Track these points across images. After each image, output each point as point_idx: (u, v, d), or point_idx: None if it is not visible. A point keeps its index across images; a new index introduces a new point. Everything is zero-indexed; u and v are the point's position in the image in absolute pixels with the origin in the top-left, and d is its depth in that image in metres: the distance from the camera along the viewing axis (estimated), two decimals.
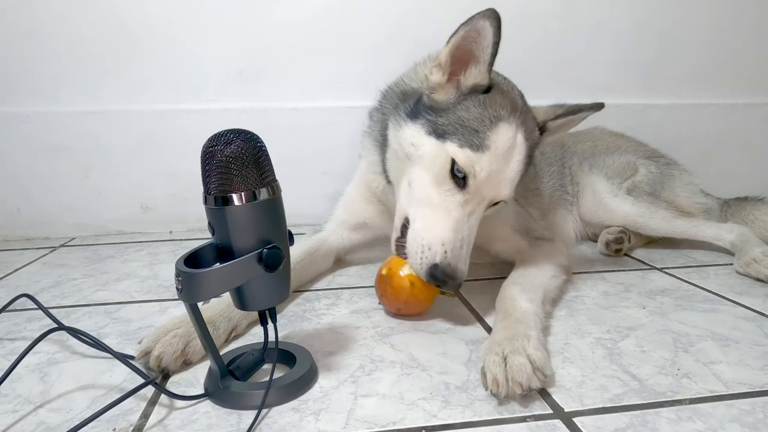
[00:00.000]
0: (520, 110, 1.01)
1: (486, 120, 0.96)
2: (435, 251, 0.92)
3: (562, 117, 1.10)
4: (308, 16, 1.71)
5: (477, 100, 0.99)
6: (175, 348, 0.82)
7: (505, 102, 0.99)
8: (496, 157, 0.95)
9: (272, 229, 0.72)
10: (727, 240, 1.38)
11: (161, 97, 1.69)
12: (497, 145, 0.95)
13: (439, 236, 0.93)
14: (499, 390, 0.72)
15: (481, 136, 0.95)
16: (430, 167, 0.98)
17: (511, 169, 0.98)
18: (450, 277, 0.91)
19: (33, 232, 1.72)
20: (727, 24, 1.93)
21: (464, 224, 0.95)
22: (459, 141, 0.95)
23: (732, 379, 0.79)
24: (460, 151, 0.95)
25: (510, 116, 0.98)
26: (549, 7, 1.81)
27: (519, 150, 0.98)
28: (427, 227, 0.95)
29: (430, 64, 1.03)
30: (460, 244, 0.93)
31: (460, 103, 0.99)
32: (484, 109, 0.97)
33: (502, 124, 0.96)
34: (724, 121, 2.00)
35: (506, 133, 0.96)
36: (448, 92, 1.01)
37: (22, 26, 1.58)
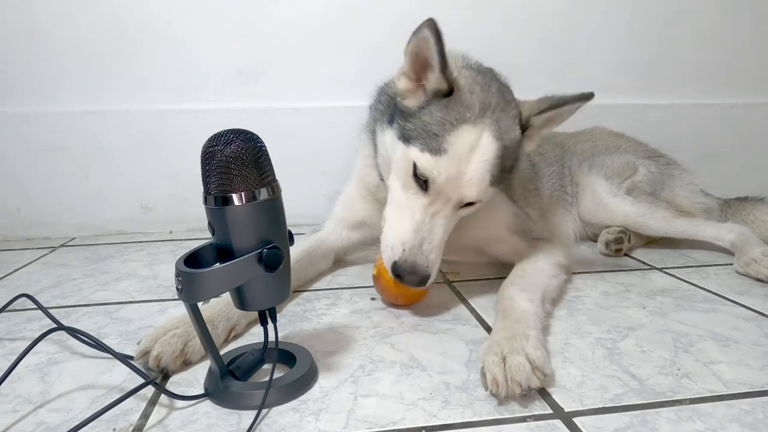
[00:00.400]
0: (493, 108, 1.00)
1: (447, 124, 0.97)
2: (396, 252, 0.97)
3: (546, 111, 1.07)
4: (308, 16, 1.71)
5: (440, 104, 1.00)
6: (174, 348, 0.82)
7: (471, 103, 0.99)
8: (454, 160, 0.95)
9: (272, 229, 0.72)
10: (727, 240, 1.38)
11: (161, 97, 1.69)
12: (455, 148, 0.95)
13: (400, 237, 0.97)
14: (498, 390, 0.72)
15: (439, 140, 0.96)
16: (398, 171, 1.02)
17: (473, 171, 0.96)
18: (408, 273, 0.95)
19: (33, 232, 1.72)
20: (727, 24, 1.93)
21: (425, 225, 0.97)
22: (420, 145, 0.98)
23: (732, 379, 0.79)
24: (420, 156, 0.97)
25: (476, 117, 0.97)
26: (549, 8, 1.81)
27: (483, 151, 0.97)
28: (392, 228, 1.00)
29: (397, 72, 1.07)
30: (419, 243, 0.96)
31: (425, 108, 1.01)
32: (446, 113, 0.98)
33: (464, 126, 0.96)
34: (724, 121, 2.00)
35: (466, 136, 0.96)
36: (417, 97, 1.03)
37: (22, 26, 1.58)
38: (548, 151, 1.59)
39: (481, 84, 1.04)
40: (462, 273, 1.29)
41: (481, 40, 1.77)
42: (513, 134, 1.03)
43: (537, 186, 1.48)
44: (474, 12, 1.77)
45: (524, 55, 1.82)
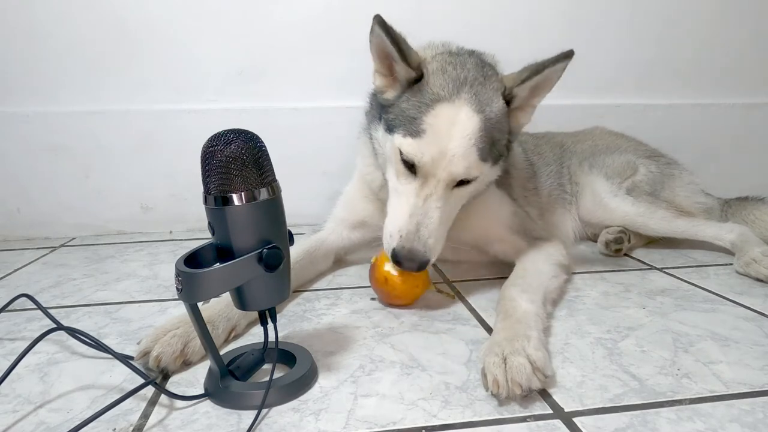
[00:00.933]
0: (470, 83, 1.02)
1: (423, 105, 1.00)
2: (394, 239, 0.99)
3: (528, 80, 1.06)
4: (308, 16, 1.71)
5: (414, 89, 1.04)
6: (174, 348, 0.82)
7: (444, 82, 1.02)
8: (434, 138, 0.98)
9: (272, 229, 0.72)
10: (727, 240, 1.38)
11: (161, 97, 1.69)
12: (433, 127, 0.98)
13: (396, 224, 1.00)
14: (499, 391, 0.72)
15: (417, 122, 0.99)
16: (391, 161, 1.06)
17: (455, 146, 0.97)
18: (406, 259, 0.97)
19: (33, 232, 1.72)
20: (727, 24, 1.93)
21: (419, 209, 0.99)
22: (402, 131, 1.01)
23: (732, 379, 0.79)
24: (403, 141, 1.00)
25: (451, 94, 1.00)
26: (549, 8, 1.81)
27: (463, 126, 0.98)
28: (391, 218, 1.03)
29: (373, 73, 1.12)
30: (416, 228, 0.98)
31: (401, 97, 1.06)
32: (421, 96, 1.02)
33: (440, 104, 0.99)
34: (724, 121, 2.00)
35: (444, 114, 0.99)
36: (396, 89, 1.08)
37: (22, 26, 1.58)
38: (547, 151, 1.60)
39: (454, 63, 1.06)
40: (462, 273, 1.29)
41: (481, 40, 1.78)
42: (495, 106, 1.03)
43: (536, 185, 1.48)
44: (473, 13, 1.77)
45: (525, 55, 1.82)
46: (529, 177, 1.46)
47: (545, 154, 1.58)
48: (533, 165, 1.51)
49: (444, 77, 1.03)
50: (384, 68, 1.09)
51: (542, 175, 1.53)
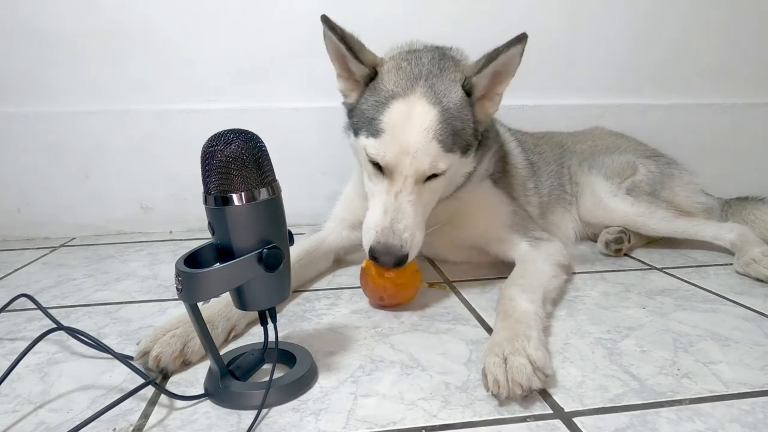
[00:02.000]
0: (425, 76, 1.04)
1: (379, 105, 1.02)
2: (370, 236, 1.00)
3: (484, 67, 1.04)
4: (308, 16, 1.70)
5: (371, 89, 1.06)
6: (173, 348, 0.82)
7: (398, 78, 1.04)
8: (393, 136, 0.99)
9: (272, 229, 0.72)
10: (727, 239, 1.38)
11: (161, 97, 1.69)
12: (390, 125, 1.00)
13: (372, 222, 1.01)
14: (499, 391, 0.72)
15: (376, 122, 1.01)
16: (362, 164, 1.08)
17: (416, 141, 0.98)
18: (382, 254, 0.98)
19: (33, 232, 1.72)
20: (728, 25, 1.93)
21: (392, 205, 1.00)
22: (365, 132, 1.04)
23: (732, 379, 0.79)
24: (367, 142, 1.02)
25: (405, 90, 1.02)
26: (550, 8, 1.81)
27: (420, 120, 0.99)
28: (368, 217, 1.04)
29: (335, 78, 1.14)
30: (390, 224, 0.98)
31: (361, 98, 1.08)
32: (377, 95, 1.04)
33: (394, 102, 1.01)
34: (724, 121, 2.00)
35: (398, 111, 1.00)
36: (356, 92, 1.11)
37: (22, 26, 1.58)
38: (547, 151, 1.60)
39: (409, 59, 1.08)
40: (462, 273, 1.29)
41: (482, 40, 1.78)
42: (453, 96, 1.04)
43: (536, 185, 1.48)
44: (472, 13, 1.77)
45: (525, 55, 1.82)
46: (528, 176, 1.46)
47: (545, 153, 1.58)
48: (533, 164, 1.51)
49: (398, 74, 1.05)
50: (342, 70, 1.12)
51: (542, 174, 1.53)
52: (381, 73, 1.07)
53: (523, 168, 1.44)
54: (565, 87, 1.87)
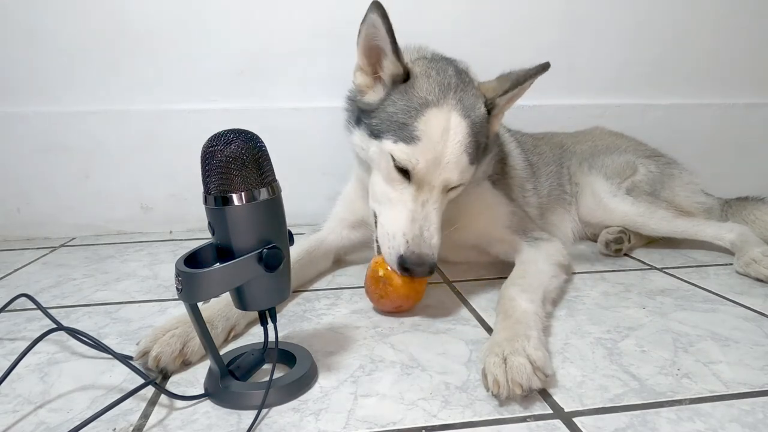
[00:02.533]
0: (454, 89, 1.02)
1: (412, 110, 0.99)
2: (398, 242, 0.97)
3: (510, 90, 1.07)
4: (308, 16, 1.71)
5: (400, 91, 1.02)
6: (173, 348, 0.82)
7: (430, 86, 1.01)
8: (429, 145, 0.97)
9: (272, 229, 0.72)
10: (727, 239, 1.38)
11: (161, 97, 1.69)
12: (427, 134, 0.97)
13: (400, 227, 0.97)
14: (499, 391, 0.72)
15: (410, 128, 0.98)
16: (378, 167, 1.04)
17: (450, 153, 0.98)
18: (417, 264, 0.95)
19: (33, 232, 1.72)
20: (727, 24, 1.93)
21: (420, 213, 0.98)
22: (392, 137, 0.99)
23: (732, 379, 0.79)
24: (395, 147, 0.99)
25: (438, 100, 0.99)
26: (550, 8, 1.81)
27: (455, 132, 0.98)
28: (390, 221, 1.00)
29: (353, 70, 1.09)
30: (420, 232, 0.96)
31: (387, 100, 1.03)
32: (409, 99, 1.00)
33: (429, 110, 0.98)
34: (724, 121, 2.00)
35: (435, 120, 0.98)
36: (376, 91, 1.07)
37: (22, 26, 1.58)
38: (546, 151, 1.60)
39: (436, 69, 1.06)
40: (462, 273, 1.29)
41: (482, 40, 1.78)
42: (479, 112, 1.04)
43: (535, 185, 1.48)
44: (473, 13, 1.77)
45: (525, 56, 1.81)
46: (527, 177, 1.46)
47: (545, 154, 1.58)
48: (533, 165, 1.51)
49: (429, 81, 1.02)
50: (368, 65, 1.07)
51: (542, 175, 1.53)
52: (414, 76, 1.03)
53: (521, 169, 1.44)
54: (565, 87, 1.87)
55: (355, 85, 1.11)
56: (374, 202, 1.07)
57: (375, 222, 1.07)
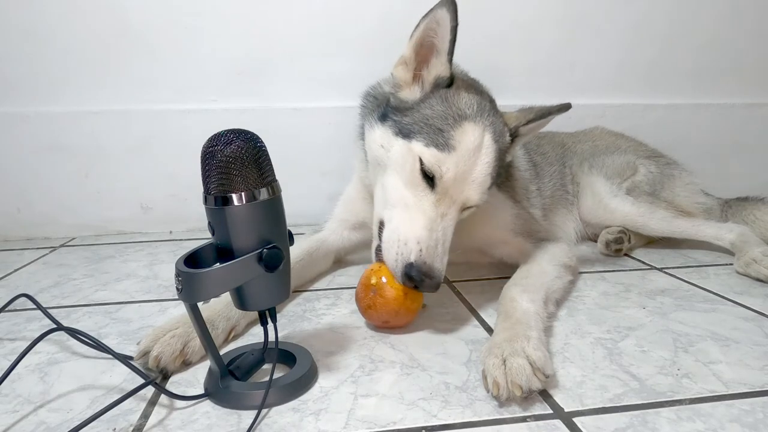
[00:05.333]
0: (488, 111, 1.00)
1: (450, 118, 0.96)
2: (410, 248, 0.90)
3: (533, 121, 1.09)
4: (308, 16, 1.71)
5: (440, 96, 0.99)
6: (173, 348, 0.82)
7: (470, 101, 0.99)
8: (462, 157, 0.94)
9: (272, 229, 0.72)
10: (727, 240, 1.38)
11: (161, 97, 1.69)
12: (463, 145, 0.94)
13: (415, 234, 0.91)
14: (499, 393, 0.72)
15: (445, 136, 0.94)
16: (400, 168, 0.98)
17: (479, 172, 0.96)
18: (427, 276, 0.88)
19: (33, 232, 1.72)
20: (727, 25, 1.93)
21: (438, 224, 0.93)
22: (425, 140, 0.95)
23: (732, 379, 0.79)
24: (426, 150, 0.94)
25: (476, 116, 0.97)
26: (550, 8, 1.81)
27: (486, 152, 0.97)
28: (403, 225, 0.93)
29: (395, 63, 1.05)
30: (435, 244, 0.91)
31: (424, 101, 1.00)
32: (448, 107, 0.98)
33: (467, 123, 0.96)
34: (724, 121, 2.00)
35: (472, 133, 0.95)
36: (413, 91, 1.03)
37: (22, 26, 1.58)
38: (549, 151, 1.59)
39: (475, 88, 1.05)
40: (462, 273, 1.29)
41: (482, 41, 1.78)
42: (505, 139, 1.04)
43: (539, 186, 1.48)
44: (475, 13, 1.77)
45: (525, 56, 1.82)
46: (531, 179, 1.45)
47: (548, 154, 1.58)
48: (536, 166, 1.50)
49: (469, 95, 1.00)
50: (415, 60, 1.02)
51: (545, 176, 1.52)
52: (457, 85, 1.01)
53: (525, 170, 1.44)
54: (565, 87, 1.87)
55: (394, 78, 1.06)
56: (385, 206, 0.99)
57: (380, 228, 0.99)
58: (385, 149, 1.02)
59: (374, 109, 1.10)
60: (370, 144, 1.07)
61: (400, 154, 0.98)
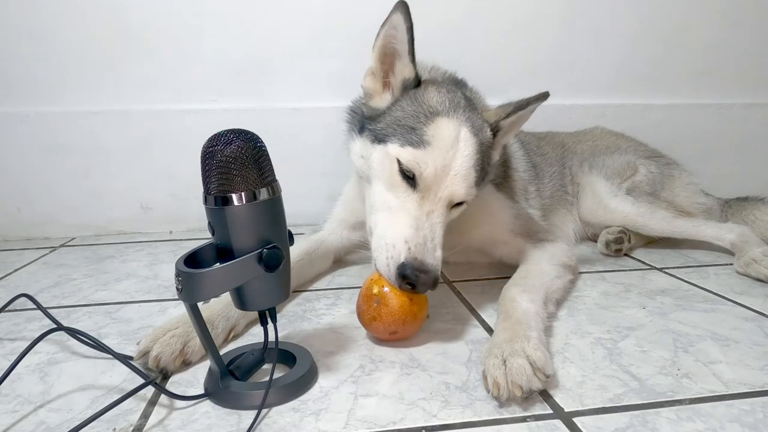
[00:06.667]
0: (462, 107, 1.01)
1: (421, 116, 0.97)
2: (399, 250, 0.88)
3: (513, 114, 1.07)
4: (308, 16, 1.71)
5: (409, 97, 1.01)
6: (173, 348, 0.82)
7: (440, 97, 1.00)
8: (439, 151, 0.94)
9: (272, 229, 0.72)
10: (727, 240, 1.38)
11: (161, 97, 1.69)
12: (438, 140, 0.94)
13: (401, 234, 0.90)
14: (500, 393, 0.72)
15: (418, 133, 0.95)
16: (380, 173, 0.98)
17: (459, 165, 0.95)
18: (420, 271, 0.86)
19: (33, 232, 1.72)
20: (727, 25, 1.93)
21: (425, 222, 0.92)
22: (399, 140, 0.96)
23: (732, 379, 0.79)
24: (402, 150, 0.95)
25: (449, 111, 0.98)
26: (550, 9, 1.81)
27: (465, 145, 0.96)
28: (388, 227, 0.93)
29: (364, 74, 1.08)
30: (424, 241, 0.89)
31: (394, 105, 1.02)
32: (418, 105, 0.99)
33: (440, 118, 0.96)
34: (724, 121, 2.00)
35: (446, 127, 0.95)
36: (384, 98, 1.05)
37: (22, 26, 1.58)
38: (549, 152, 1.59)
39: (447, 87, 1.06)
40: (462, 273, 1.29)
41: (483, 41, 1.78)
42: (486, 134, 1.04)
43: (538, 187, 1.48)
44: (474, 14, 1.77)
45: (525, 56, 1.82)
46: (530, 180, 1.45)
47: (548, 154, 1.58)
48: (536, 167, 1.50)
49: (439, 94, 1.01)
50: (381, 69, 1.05)
51: (545, 177, 1.52)
52: (425, 84, 1.02)
53: (524, 171, 1.43)
54: (565, 87, 1.87)
55: (363, 89, 1.09)
56: (372, 214, 1.00)
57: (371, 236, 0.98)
58: (365, 159, 1.03)
59: (355, 123, 1.12)
60: (352, 157, 1.09)
61: (379, 160, 0.99)
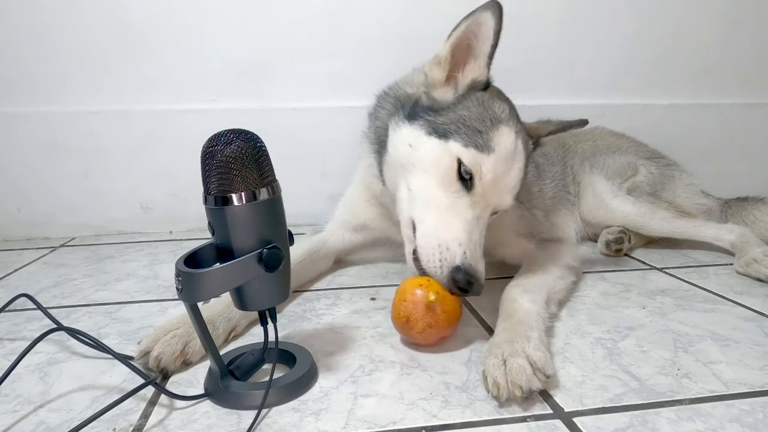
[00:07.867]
0: (517, 119, 1.01)
1: (487, 120, 0.95)
2: (454, 252, 0.86)
3: (553, 133, 1.12)
4: (308, 16, 1.71)
5: (476, 98, 0.98)
6: (174, 348, 0.82)
7: (503, 105, 1.00)
8: (500, 159, 0.93)
9: (272, 229, 0.72)
10: (727, 240, 1.38)
11: (161, 97, 1.69)
12: (501, 147, 0.93)
13: (455, 236, 0.88)
14: (500, 393, 0.72)
15: (484, 137, 0.93)
16: (432, 169, 0.94)
17: (513, 177, 0.96)
18: (475, 278, 0.86)
19: (33, 232, 1.72)
20: (727, 25, 1.93)
21: (475, 227, 0.91)
22: (463, 140, 0.93)
23: (732, 379, 0.79)
24: (465, 151, 0.92)
25: (509, 120, 0.97)
26: (551, 8, 1.81)
27: (520, 157, 0.97)
28: (440, 227, 0.89)
29: (429, 62, 1.04)
30: (475, 246, 0.89)
31: (459, 102, 0.98)
32: (485, 109, 0.96)
33: (503, 126, 0.95)
34: (724, 121, 2.00)
35: (509, 137, 0.95)
36: (446, 91, 1.01)
37: (22, 26, 1.58)
38: (551, 152, 1.59)
39: (506, 97, 1.05)
40: None
41: None
42: (530, 147, 1.04)
43: (541, 187, 1.47)
44: None
45: (526, 56, 1.82)
46: (534, 180, 1.45)
47: (550, 154, 1.58)
48: (538, 167, 1.49)
49: (501, 100, 1.00)
50: (449, 63, 1.00)
51: (547, 177, 1.52)
52: (491, 91, 1.00)
53: (528, 172, 1.43)
54: (565, 87, 1.87)
55: (428, 77, 1.03)
56: (415, 208, 0.95)
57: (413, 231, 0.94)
58: (413, 148, 0.98)
59: (397, 109, 1.07)
60: (395, 143, 1.02)
61: (434, 154, 0.94)
